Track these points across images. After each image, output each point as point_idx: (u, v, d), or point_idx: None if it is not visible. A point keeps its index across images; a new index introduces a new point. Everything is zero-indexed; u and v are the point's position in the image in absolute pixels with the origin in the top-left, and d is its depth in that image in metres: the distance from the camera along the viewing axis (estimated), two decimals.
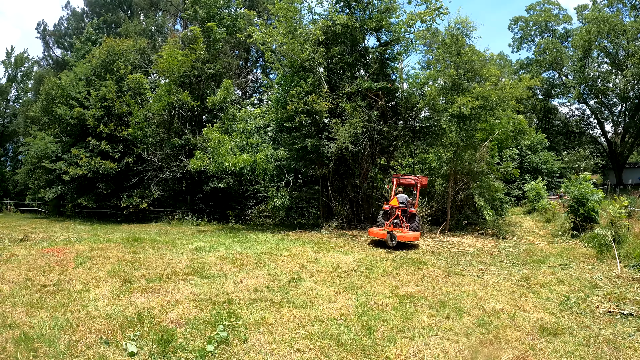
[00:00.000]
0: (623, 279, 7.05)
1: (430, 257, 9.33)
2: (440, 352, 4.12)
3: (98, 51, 22.46)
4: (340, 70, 15.29)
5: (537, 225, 16.42)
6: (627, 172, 36.80)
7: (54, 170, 20.76)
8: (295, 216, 18.00)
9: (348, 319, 4.97)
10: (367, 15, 14.91)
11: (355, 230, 13.84)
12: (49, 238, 11.71)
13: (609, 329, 4.82)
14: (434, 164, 16.46)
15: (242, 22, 21.38)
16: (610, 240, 9.19)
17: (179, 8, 30.06)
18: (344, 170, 15.50)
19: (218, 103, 18.13)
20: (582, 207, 12.52)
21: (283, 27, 14.36)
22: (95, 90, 21.03)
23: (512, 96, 13.23)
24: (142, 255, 8.22)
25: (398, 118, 16.51)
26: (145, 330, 4.40)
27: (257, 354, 3.97)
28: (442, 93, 14.11)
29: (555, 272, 7.76)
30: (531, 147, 28.28)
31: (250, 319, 4.84)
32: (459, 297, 6.01)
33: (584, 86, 35.24)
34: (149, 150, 19.82)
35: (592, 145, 41.71)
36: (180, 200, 21.13)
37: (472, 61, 13.25)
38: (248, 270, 7.31)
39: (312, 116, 13.76)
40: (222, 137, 14.51)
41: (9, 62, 36.16)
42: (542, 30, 37.66)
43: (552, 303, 5.85)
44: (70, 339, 4.12)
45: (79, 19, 36.37)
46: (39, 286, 5.92)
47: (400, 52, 15.87)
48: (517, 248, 10.95)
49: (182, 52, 18.74)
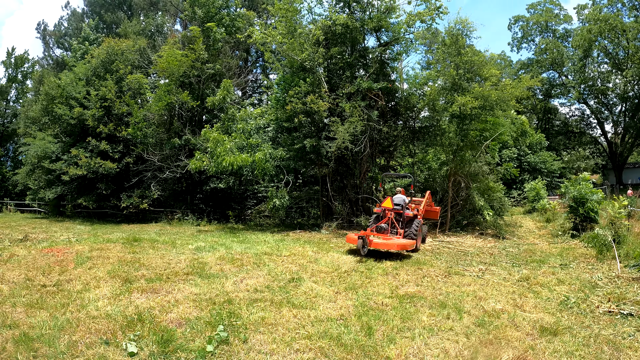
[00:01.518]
0: (623, 279, 7.05)
1: (430, 257, 9.33)
2: (440, 352, 4.12)
3: (98, 51, 22.45)
4: (340, 70, 15.29)
5: (537, 225, 16.42)
6: (627, 172, 36.81)
7: (54, 170, 20.76)
8: (295, 216, 18.00)
9: (348, 319, 4.96)
10: (367, 15, 14.92)
11: (356, 230, 13.83)
12: (49, 238, 11.71)
13: (609, 329, 4.82)
14: (433, 164, 16.46)
15: (242, 22, 21.39)
16: (610, 240, 9.19)
17: (178, 8, 30.06)
18: (344, 170, 15.50)
19: (218, 103, 18.14)
20: (582, 207, 12.52)
21: (283, 27, 14.36)
22: (95, 90, 21.03)
23: (512, 96, 13.23)
24: (142, 256, 8.22)
25: (398, 118, 16.51)
26: (145, 330, 4.40)
27: (257, 354, 3.97)
28: (442, 93, 14.11)
29: (555, 272, 7.76)
30: (531, 147, 28.28)
31: (250, 319, 4.84)
32: (459, 297, 6.01)
33: (584, 86, 35.25)
34: (149, 151, 19.81)
35: (592, 145, 41.72)
36: (180, 200, 21.13)
37: (472, 61, 13.26)
38: (248, 270, 7.30)
39: (311, 116, 13.76)
40: (220, 137, 14.51)
41: (9, 63, 36.19)
42: (543, 30, 37.65)
43: (552, 303, 5.84)
44: (70, 339, 4.12)
45: (79, 19, 36.36)
46: (39, 286, 5.92)
47: (400, 52, 15.89)
48: (517, 248, 10.95)
49: (182, 52, 18.74)
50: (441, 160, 15.61)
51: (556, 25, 37.22)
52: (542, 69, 36.30)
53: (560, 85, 37.78)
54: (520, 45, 39.19)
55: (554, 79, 38.07)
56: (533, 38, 38.46)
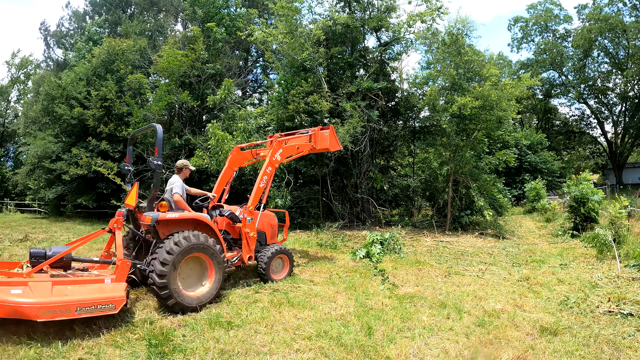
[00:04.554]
0: (623, 279, 7.04)
1: (430, 257, 9.33)
2: (440, 352, 4.12)
3: (98, 51, 22.46)
4: (341, 70, 15.29)
5: (537, 225, 16.42)
6: (627, 172, 36.80)
7: (54, 170, 20.76)
8: (295, 216, 18.00)
9: (348, 319, 4.97)
10: (368, 15, 14.92)
11: (356, 230, 13.83)
12: (49, 238, 11.72)
13: (609, 329, 4.82)
14: (434, 164, 16.44)
15: (242, 21, 21.37)
16: (611, 240, 9.18)
17: (179, 8, 30.06)
18: (344, 170, 15.50)
19: (218, 103, 18.14)
20: (582, 207, 12.52)
21: (283, 27, 14.37)
22: (96, 90, 21.04)
23: (512, 96, 13.22)
24: None
25: (398, 118, 16.52)
26: (145, 330, 4.40)
27: (257, 354, 3.97)
28: (442, 93, 14.10)
29: (555, 272, 7.76)
30: (531, 147, 28.27)
31: (250, 319, 4.84)
32: (459, 297, 6.01)
33: (584, 86, 35.24)
34: (149, 150, 19.82)
35: (592, 145, 41.73)
36: None
37: (472, 61, 13.24)
38: (247, 270, 7.30)
39: (312, 116, 13.76)
40: (224, 135, 14.51)
41: (12, 64, 36.28)
42: (543, 30, 37.62)
43: (552, 303, 5.84)
44: (70, 339, 4.12)
45: (81, 19, 36.36)
46: None
47: (400, 52, 15.88)
48: (517, 248, 10.94)
49: (182, 52, 18.74)
50: (441, 160, 15.59)
51: (556, 25, 37.21)
52: (542, 69, 36.28)
53: (560, 85, 37.77)
54: (520, 45, 39.20)
55: (554, 79, 38.08)
56: (533, 38, 38.46)
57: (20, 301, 3.90)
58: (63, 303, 4.05)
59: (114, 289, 4.54)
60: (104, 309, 4.23)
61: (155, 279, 4.79)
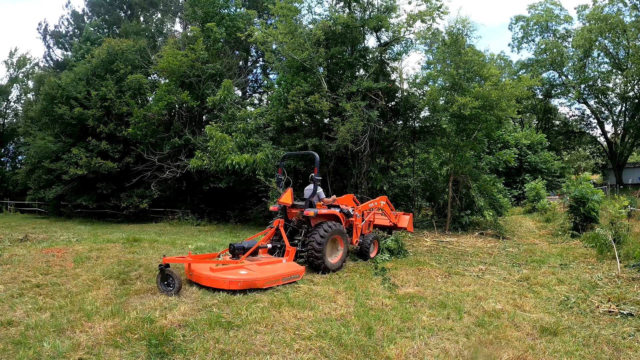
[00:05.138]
0: (623, 279, 7.04)
1: (430, 257, 9.33)
2: (440, 352, 4.12)
3: (98, 51, 22.46)
4: (340, 70, 15.29)
5: (537, 225, 16.42)
6: (627, 172, 36.80)
7: (54, 170, 20.77)
8: None
9: (348, 319, 4.96)
10: (367, 15, 14.92)
11: None
12: (49, 238, 11.72)
13: (609, 329, 4.81)
14: (434, 164, 16.44)
15: (242, 21, 21.38)
16: (611, 240, 9.18)
17: (178, 8, 30.06)
18: (344, 170, 15.49)
19: (218, 103, 18.15)
20: (582, 207, 12.52)
21: (283, 27, 14.37)
22: (95, 90, 21.04)
23: (512, 96, 13.22)
24: (142, 256, 8.23)
25: (398, 118, 16.51)
26: (145, 330, 4.40)
27: (257, 354, 3.96)
28: (442, 93, 14.10)
29: (555, 272, 7.76)
30: (531, 147, 28.28)
31: (250, 319, 4.84)
32: (459, 297, 6.00)
33: (584, 86, 35.22)
34: (149, 150, 19.83)
35: (592, 145, 41.71)
36: (180, 200, 21.14)
37: (472, 61, 13.24)
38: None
39: (312, 116, 13.76)
40: (223, 136, 14.51)
41: (11, 63, 36.25)
42: (543, 30, 37.62)
43: (552, 303, 5.84)
44: (71, 339, 4.12)
45: (80, 19, 36.35)
46: (39, 286, 5.92)
47: (400, 52, 15.87)
48: (517, 248, 10.94)
49: (182, 52, 18.75)
50: (441, 160, 15.58)
51: (556, 25, 37.21)
52: (542, 69, 36.28)
53: (560, 85, 37.76)
54: (520, 45, 39.20)
55: (554, 79, 38.07)
56: (533, 38, 38.47)
57: (253, 277, 5.83)
58: (275, 275, 6.06)
59: (295, 265, 6.73)
60: (294, 278, 6.40)
61: (315, 251, 7.06)
